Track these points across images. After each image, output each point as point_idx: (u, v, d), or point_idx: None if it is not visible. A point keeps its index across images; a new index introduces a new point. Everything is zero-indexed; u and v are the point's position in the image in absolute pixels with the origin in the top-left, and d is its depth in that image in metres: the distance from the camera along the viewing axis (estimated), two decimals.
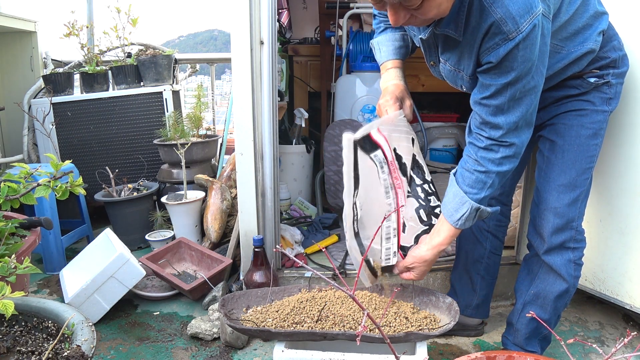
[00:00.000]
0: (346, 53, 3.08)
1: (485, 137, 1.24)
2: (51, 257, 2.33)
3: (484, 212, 1.29)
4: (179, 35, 73.11)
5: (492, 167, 1.25)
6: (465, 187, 1.28)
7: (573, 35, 1.28)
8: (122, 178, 2.73)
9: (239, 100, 1.88)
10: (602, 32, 1.30)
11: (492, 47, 1.12)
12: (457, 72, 1.28)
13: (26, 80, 3.14)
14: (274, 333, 1.28)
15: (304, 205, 2.84)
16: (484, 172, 1.26)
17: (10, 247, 1.44)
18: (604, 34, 1.31)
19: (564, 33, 1.26)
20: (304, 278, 2.00)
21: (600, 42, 1.31)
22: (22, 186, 1.46)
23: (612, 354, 0.76)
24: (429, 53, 1.35)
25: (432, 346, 1.70)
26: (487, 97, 1.19)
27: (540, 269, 1.46)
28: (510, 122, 1.20)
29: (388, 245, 1.40)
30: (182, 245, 2.22)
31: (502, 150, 1.23)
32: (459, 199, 1.29)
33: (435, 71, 1.41)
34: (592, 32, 1.29)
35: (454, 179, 1.32)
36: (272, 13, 1.83)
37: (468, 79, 1.26)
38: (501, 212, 1.66)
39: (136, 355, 1.66)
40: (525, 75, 1.14)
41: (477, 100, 1.23)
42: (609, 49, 1.33)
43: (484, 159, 1.25)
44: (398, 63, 1.49)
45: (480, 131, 1.25)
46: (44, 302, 1.28)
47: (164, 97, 2.89)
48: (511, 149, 1.23)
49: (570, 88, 1.37)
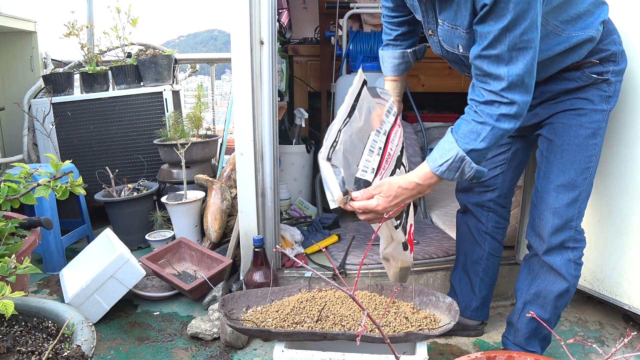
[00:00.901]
0: (346, 53, 3.08)
1: (487, 90, 1.20)
2: (51, 257, 2.33)
3: (467, 164, 1.23)
4: (179, 35, 73.12)
5: (490, 120, 1.21)
6: (457, 135, 1.24)
7: (574, 19, 1.27)
8: (122, 178, 2.73)
9: (239, 100, 1.88)
10: (603, 22, 1.29)
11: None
12: (454, 29, 1.26)
13: (26, 80, 3.14)
14: (274, 333, 1.29)
15: (304, 205, 2.84)
16: (480, 122, 1.21)
17: (10, 247, 1.44)
18: (604, 25, 1.31)
19: (565, 15, 1.26)
20: (304, 278, 2.00)
21: (602, 33, 1.30)
22: (22, 186, 1.46)
23: (612, 354, 0.76)
24: (427, 18, 1.34)
25: (432, 346, 1.70)
26: (487, 47, 1.16)
27: (540, 268, 1.46)
28: (512, 74, 1.16)
29: (369, 159, 1.34)
30: (182, 245, 2.22)
31: (502, 108, 1.19)
32: (448, 145, 1.24)
33: (433, 42, 1.39)
34: (593, 20, 1.28)
35: (449, 129, 1.28)
36: (272, 13, 1.83)
37: (465, 34, 1.24)
38: (500, 214, 1.65)
39: (136, 355, 1.66)
40: (522, 19, 1.11)
41: (477, 54, 1.19)
42: (609, 41, 1.32)
43: (483, 111, 1.21)
44: (396, 78, 1.67)
45: (482, 84, 1.21)
46: (44, 302, 1.28)
47: (164, 97, 2.89)
48: (512, 107, 1.19)
49: (569, 81, 1.36)
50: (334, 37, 3.24)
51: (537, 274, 1.48)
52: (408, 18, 1.55)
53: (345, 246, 2.23)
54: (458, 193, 1.73)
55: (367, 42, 3.07)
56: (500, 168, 1.61)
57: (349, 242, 2.25)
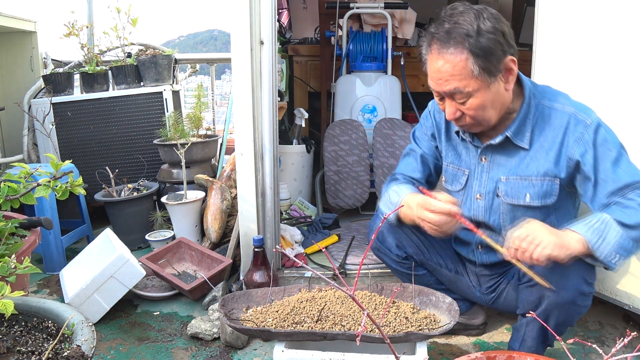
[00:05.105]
0: (346, 53, 3.08)
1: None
2: (51, 257, 2.33)
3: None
4: (179, 35, 73.07)
5: None
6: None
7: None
8: (122, 178, 2.73)
9: (239, 100, 1.88)
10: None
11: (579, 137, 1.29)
12: (523, 179, 1.37)
13: (26, 80, 3.14)
14: (274, 333, 1.29)
15: (304, 205, 2.84)
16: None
17: (10, 247, 1.45)
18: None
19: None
20: (304, 278, 2.00)
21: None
22: (22, 186, 1.46)
23: (612, 354, 0.76)
24: (480, 182, 1.44)
25: (432, 346, 1.70)
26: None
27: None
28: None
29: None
30: (182, 245, 2.22)
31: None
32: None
33: (478, 206, 1.47)
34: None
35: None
36: (272, 13, 1.83)
37: (540, 180, 1.35)
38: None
39: (136, 355, 1.66)
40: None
41: (610, 192, 1.27)
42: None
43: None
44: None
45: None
46: (44, 302, 1.28)
47: (164, 97, 2.89)
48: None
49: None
50: (334, 37, 3.24)
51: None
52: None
53: (345, 246, 2.23)
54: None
55: (367, 42, 3.07)
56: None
57: (349, 242, 2.26)
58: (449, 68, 1.24)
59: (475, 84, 1.24)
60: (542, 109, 1.35)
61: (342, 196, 2.72)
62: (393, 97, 2.99)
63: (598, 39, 1.60)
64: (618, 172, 1.26)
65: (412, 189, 1.47)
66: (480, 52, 1.22)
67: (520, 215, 1.37)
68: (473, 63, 1.22)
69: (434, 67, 1.28)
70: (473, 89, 1.25)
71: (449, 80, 1.26)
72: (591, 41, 1.62)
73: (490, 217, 1.46)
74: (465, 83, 1.24)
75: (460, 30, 1.23)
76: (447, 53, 1.24)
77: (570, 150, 1.31)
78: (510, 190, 1.39)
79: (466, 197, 1.50)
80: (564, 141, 1.31)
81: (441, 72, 1.26)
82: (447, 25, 1.25)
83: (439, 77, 1.27)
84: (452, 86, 1.26)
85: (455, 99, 1.28)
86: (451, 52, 1.23)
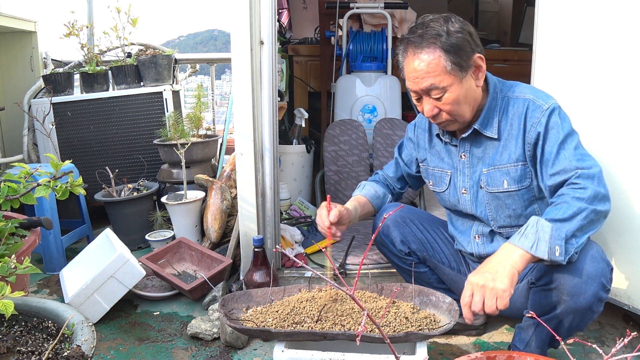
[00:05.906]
0: (346, 53, 3.08)
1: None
2: (51, 257, 2.33)
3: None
4: (179, 35, 73.08)
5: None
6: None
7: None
8: (122, 178, 2.73)
9: (239, 100, 1.88)
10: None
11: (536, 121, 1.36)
12: (500, 168, 1.44)
13: (26, 80, 3.14)
14: (274, 333, 1.29)
15: (304, 205, 2.84)
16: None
17: (10, 247, 1.45)
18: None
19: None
20: (304, 278, 2.00)
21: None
22: (22, 186, 1.46)
23: (612, 354, 0.76)
24: (463, 178, 1.53)
25: (432, 346, 1.70)
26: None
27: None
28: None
29: None
30: (182, 245, 2.22)
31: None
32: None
33: (465, 200, 1.55)
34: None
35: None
36: (272, 13, 1.83)
37: (513, 166, 1.41)
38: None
39: (136, 355, 1.66)
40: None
41: (550, 173, 1.33)
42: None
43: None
44: (361, 199, 1.69)
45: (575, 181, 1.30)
46: (44, 302, 1.28)
47: (164, 97, 2.89)
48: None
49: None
50: (334, 37, 3.24)
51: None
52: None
53: (345, 246, 2.23)
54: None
55: (367, 42, 3.07)
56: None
57: (349, 242, 2.26)
58: (424, 66, 1.35)
59: (449, 79, 1.35)
60: (507, 101, 1.44)
61: (342, 196, 2.72)
62: (393, 97, 2.99)
63: (598, 38, 1.60)
64: (561, 154, 1.32)
65: (368, 191, 1.71)
66: (451, 49, 1.33)
67: (503, 203, 1.46)
68: (445, 59, 1.33)
69: (411, 68, 1.39)
70: (447, 83, 1.35)
71: (425, 78, 1.36)
72: (591, 41, 1.62)
73: (477, 209, 1.53)
74: (440, 79, 1.35)
75: (432, 32, 1.35)
76: (421, 53, 1.35)
77: (528, 135, 1.38)
78: (490, 180, 1.47)
79: (453, 195, 1.58)
80: (525, 126, 1.39)
81: (417, 71, 1.37)
82: (419, 30, 1.38)
83: (415, 76, 1.38)
84: (428, 83, 1.36)
85: (432, 95, 1.38)
86: (425, 52, 1.35)
